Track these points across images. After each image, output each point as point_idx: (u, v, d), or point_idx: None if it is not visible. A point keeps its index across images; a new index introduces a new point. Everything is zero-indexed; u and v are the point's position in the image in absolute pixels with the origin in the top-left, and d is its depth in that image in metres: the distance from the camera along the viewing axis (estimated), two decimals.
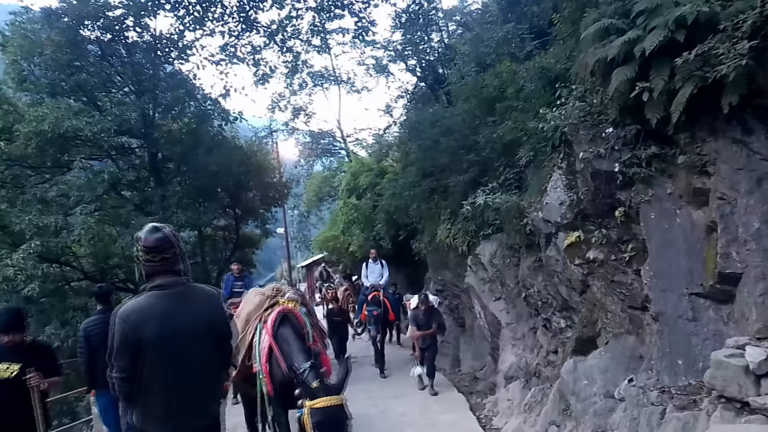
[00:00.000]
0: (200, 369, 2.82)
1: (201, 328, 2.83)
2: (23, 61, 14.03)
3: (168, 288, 2.82)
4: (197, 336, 2.80)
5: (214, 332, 2.91)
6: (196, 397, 2.83)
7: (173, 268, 2.88)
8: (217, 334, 2.96)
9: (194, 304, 2.87)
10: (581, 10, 6.73)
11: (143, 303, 2.79)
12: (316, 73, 24.86)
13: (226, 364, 3.30)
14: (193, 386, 2.81)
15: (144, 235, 2.88)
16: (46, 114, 12.54)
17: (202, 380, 2.85)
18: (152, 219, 13.26)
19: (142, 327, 2.69)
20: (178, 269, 2.91)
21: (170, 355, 2.72)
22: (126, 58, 15.12)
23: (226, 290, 10.54)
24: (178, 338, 2.73)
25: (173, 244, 2.87)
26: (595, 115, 6.15)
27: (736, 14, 4.51)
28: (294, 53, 18.90)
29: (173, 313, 2.76)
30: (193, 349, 2.78)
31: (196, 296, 2.94)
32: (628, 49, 5.22)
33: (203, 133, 15.91)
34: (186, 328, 2.77)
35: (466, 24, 15.77)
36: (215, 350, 2.94)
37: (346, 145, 28.77)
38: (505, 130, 8.53)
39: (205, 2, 15.24)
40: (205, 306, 2.93)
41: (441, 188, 11.07)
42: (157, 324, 2.70)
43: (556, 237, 6.82)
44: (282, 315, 5.14)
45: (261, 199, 18.74)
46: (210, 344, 2.88)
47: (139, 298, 2.84)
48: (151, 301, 2.78)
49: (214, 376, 2.98)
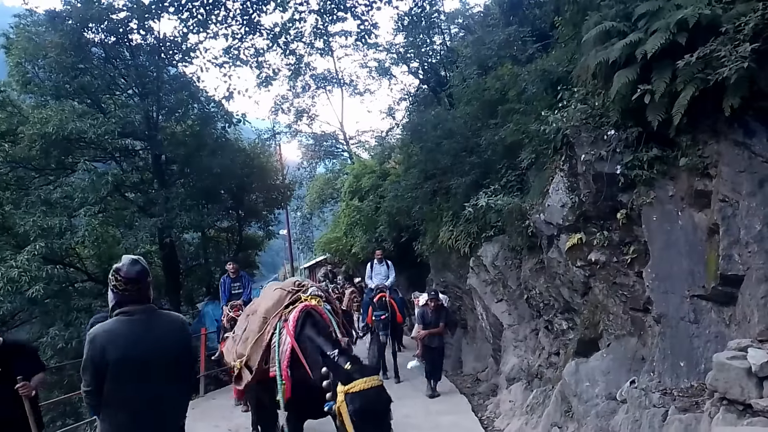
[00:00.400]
0: (161, 389, 3.03)
1: (162, 351, 3.05)
2: (27, 63, 14.08)
3: (134, 314, 3.06)
4: (158, 359, 3.02)
5: (175, 356, 3.12)
6: (157, 414, 3.04)
7: (146, 296, 3.12)
8: (179, 358, 3.16)
9: (158, 330, 3.09)
10: (583, 13, 6.76)
11: (109, 327, 3.03)
12: (318, 76, 25.00)
13: (189, 385, 3.58)
14: (154, 404, 3.02)
15: (125, 267, 3.07)
16: (51, 116, 12.59)
17: (163, 399, 3.06)
18: (156, 220, 13.39)
19: (107, 349, 2.94)
20: (148, 296, 3.15)
21: (132, 375, 2.96)
22: (130, 60, 15.16)
23: (224, 294, 10.08)
24: (140, 361, 2.97)
25: (149, 274, 3.14)
26: (597, 117, 6.17)
27: (738, 17, 4.54)
28: (297, 56, 18.95)
29: (137, 337, 3.00)
30: (154, 371, 3.01)
31: (161, 322, 3.15)
32: (629, 52, 5.25)
33: (207, 136, 15.95)
34: (148, 352, 3.00)
35: (468, 27, 15.80)
36: (176, 372, 3.12)
37: (348, 148, 28.84)
38: (507, 133, 8.55)
39: (209, 5, 15.28)
40: (168, 331, 3.15)
41: (443, 190, 11.09)
42: (120, 347, 2.95)
43: (557, 239, 6.83)
44: (305, 313, 4.64)
45: (264, 201, 18.77)
46: (171, 367, 3.09)
47: (107, 323, 3.08)
48: (117, 325, 3.03)
49: (175, 395, 3.15)
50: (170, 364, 3.09)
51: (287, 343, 4.48)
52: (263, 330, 4.85)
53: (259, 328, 4.90)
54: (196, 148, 15.44)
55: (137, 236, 13.28)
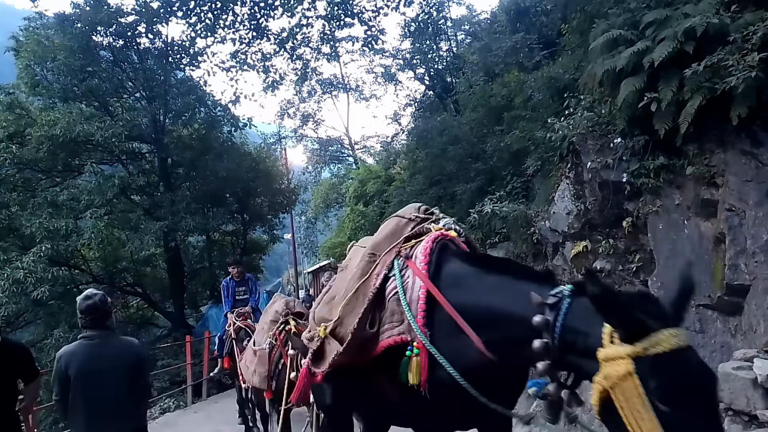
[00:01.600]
0: (112, 397, 3.70)
1: (113, 366, 3.72)
2: (36, 65, 14.20)
3: (93, 338, 3.75)
4: (109, 372, 3.70)
5: (123, 370, 3.75)
6: (109, 417, 3.68)
7: (102, 324, 3.78)
8: (128, 372, 3.78)
9: (111, 350, 3.78)
10: (590, 20, 6.77)
11: (71, 348, 3.79)
12: (325, 81, 25.03)
13: (140, 394, 3.98)
14: (106, 410, 3.68)
15: (80, 302, 3.80)
16: (58, 118, 12.68)
17: (114, 405, 3.70)
18: (161, 224, 13.43)
19: (69, 366, 3.67)
20: (105, 324, 3.80)
21: (88, 386, 3.66)
22: (138, 64, 15.28)
23: (227, 299, 8.56)
24: (94, 375, 3.67)
25: (99, 308, 3.76)
26: (604, 125, 6.17)
27: (746, 26, 4.53)
28: (303, 61, 19.04)
29: (91, 356, 3.70)
30: (106, 383, 3.69)
31: (114, 344, 3.85)
32: (636, 60, 5.25)
33: (213, 139, 16.04)
34: (101, 367, 3.69)
35: (474, 33, 15.84)
36: (126, 383, 3.75)
37: (353, 153, 28.87)
38: (513, 140, 8.55)
39: (217, 10, 15.38)
40: (119, 351, 3.81)
41: (448, 196, 11.08)
42: (78, 364, 3.67)
43: (563, 246, 6.82)
44: (441, 244, 2.68)
45: (269, 205, 18.83)
46: (121, 378, 3.73)
47: (71, 345, 3.86)
48: (77, 347, 3.76)
49: (125, 401, 3.76)
50: (120, 377, 3.74)
51: (418, 288, 2.50)
52: (369, 273, 2.79)
53: (362, 273, 2.84)
54: (202, 151, 15.52)
55: (142, 239, 13.33)
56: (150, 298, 16.76)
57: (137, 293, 16.68)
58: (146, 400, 4.33)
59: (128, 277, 16.22)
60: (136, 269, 16.12)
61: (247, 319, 7.80)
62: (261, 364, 5.47)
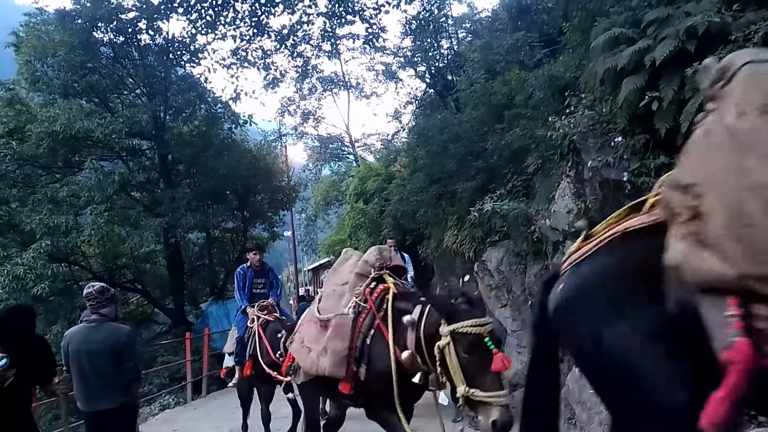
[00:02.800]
0: (100, 373, 4.32)
1: (101, 349, 4.33)
2: (37, 61, 14.21)
3: (90, 323, 4.44)
4: (98, 353, 4.32)
5: (111, 350, 4.33)
6: (97, 389, 4.31)
7: (98, 310, 4.44)
8: (115, 352, 4.34)
9: (101, 334, 4.38)
10: (591, 19, 6.75)
11: (73, 330, 4.58)
12: (325, 78, 25.01)
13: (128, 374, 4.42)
14: (95, 385, 4.32)
15: (84, 289, 4.65)
16: (58, 114, 12.70)
17: (102, 381, 4.32)
18: (161, 220, 13.44)
19: (69, 344, 4.43)
20: (101, 312, 4.44)
21: (80, 363, 4.34)
22: (138, 60, 15.28)
23: (242, 292, 7.08)
24: (86, 353, 4.33)
25: (94, 296, 4.44)
26: (604, 123, 6.15)
27: (748, 25, 4.52)
28: (304, 58, 19.01)
29: (85, 337, 4.39)
30: (95, 361, 4.32)
31: (105, 329, 4.42)
32: (638, 59, 5.23)
33: (213, 136, 16.05)
34: (90, 348, 4.33)
35: (475, 31, 15.81)
36: (113, 364, 4.33)
37: (354, 150, 28.86)
38: (514, 138, 8.54)
39: (218, 6, 15.34)
40: (109, 334, 4.39)
41: (448, 194, 11.07)
42: (76, 343, 4.39)
43: (563, 245, 6.81)
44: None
45: (269, 202, 18.84)
46: (109, 360, 4.32)
47: (74, 326, 4.67)
48: (77, 329, 4.54)
49: (113, 380, 4.33)
50: (107, 357, 4.32)
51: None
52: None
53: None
54: (202, 148, 15.54)
55: (142, 235, 13.35)
56: (150, 295, 16.79)
57: (137, 290, 16.70)
58: (134, 381, 4.59)
59: (128, 273, 16.25)
60: (136, 266, 16.15)
61: (273, 313, 6.77)
62: (339, 339, 3.84)
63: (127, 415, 4.54)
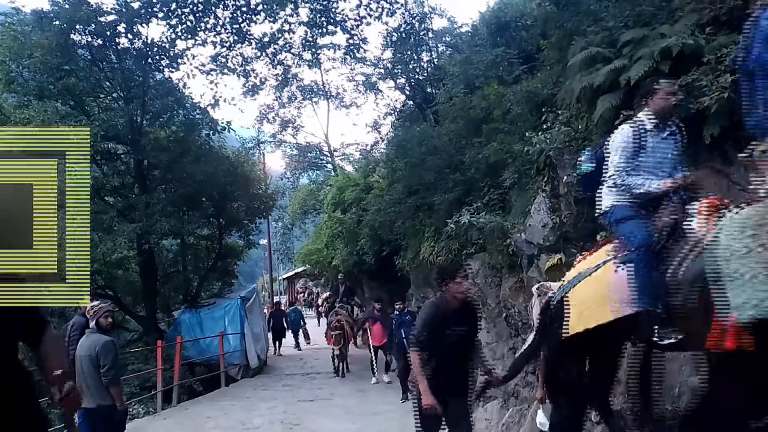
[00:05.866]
0: (88, 374, 5.46)
1: (86, 355, 5.52)
2: (12, 62, 13.92)
3: (87, 335, 5.74)
4: (84, 358, 5.51)
5: (97, 354, 5.45)
6: (88, 392, 5.34)
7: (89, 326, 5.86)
8: (99, 356, 5.46)
9: (87, 343, 5.60)
10: (569, 37, 6.89)
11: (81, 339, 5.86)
12: (305, 87, 25.02)
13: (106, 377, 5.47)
14: (85, 386, 5.33)
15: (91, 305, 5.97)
16: (33, 116, 12.46)
17: (89, 383, 5.42)
18: (135, 226, 13.23)
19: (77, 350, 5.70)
20: (89, 326, 5.86)
21: (79, 362, 5.55)
22: (116, 64, 15.07)
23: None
24: (78, 359, 5.57)
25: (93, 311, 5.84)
26: (580, 140, 6.27)
27: (720, 48, 4.67)
28: (284, 66, 18.99)
29: (80, 345, 5.69)
30: (86, 361, 5.49)
31: (90, 339, 5.61)
32: (613, 78, 5.36)
33: (191, 142, 15.86)
34: (80, 354, 5.59)
35: (455, 46, 15.98)
36: (97, 362, 5.46)
37: (333, 160, 28.86)
38: (491, 152, 8.64)
39: (199, 12, 15.26)
40: (91, 344, 5.54)
41: (426, 206, 11.14)
42: (77, 348, 5.69)
43: (538, 258, 6.89)
44: None
45: (246, 209, 18.64)
46: (91, 364, 5.46)
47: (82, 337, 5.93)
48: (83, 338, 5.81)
49: (96, 375, 5.45)
50: (89, 362, 5.47)
51: None
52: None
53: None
54: (179, 154, 15.35)
55: (115, 241, 13.13)
56: (121, 302, 16.45)
57: (108, 296, 16.35)
58: (112, 383, 5.51)
59: (99, 279, 15.89)
60: (107, 271, 15.82)
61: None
62: None
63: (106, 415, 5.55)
